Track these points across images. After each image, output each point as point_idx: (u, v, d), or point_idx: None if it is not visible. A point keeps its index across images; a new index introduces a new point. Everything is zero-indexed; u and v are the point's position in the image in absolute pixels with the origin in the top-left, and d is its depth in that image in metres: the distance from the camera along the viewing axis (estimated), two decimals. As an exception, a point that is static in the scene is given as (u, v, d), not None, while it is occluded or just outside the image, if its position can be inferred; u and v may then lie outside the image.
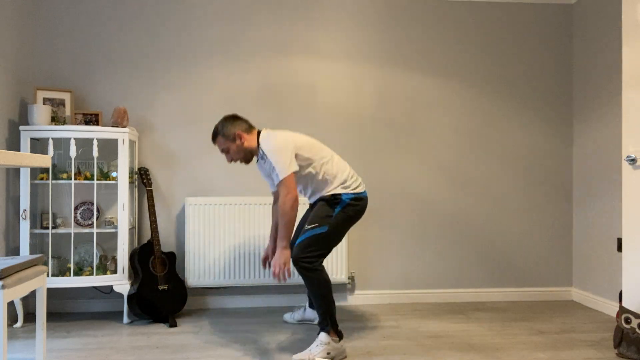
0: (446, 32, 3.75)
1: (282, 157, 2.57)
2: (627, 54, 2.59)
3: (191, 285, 3.42)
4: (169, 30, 3.57)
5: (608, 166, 3.40)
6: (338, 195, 2.67)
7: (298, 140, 2.67)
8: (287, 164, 2.56)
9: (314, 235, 2.59)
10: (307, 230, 2.60)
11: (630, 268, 2.56)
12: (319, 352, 2.49)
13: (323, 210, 2.65)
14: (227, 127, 2.69)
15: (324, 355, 2.49)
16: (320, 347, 2.50)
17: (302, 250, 2.55)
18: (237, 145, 2.70)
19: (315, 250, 2.57)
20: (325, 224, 2.60)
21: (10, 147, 3.21)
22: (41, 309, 2.18)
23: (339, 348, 2.55)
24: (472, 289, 3.75)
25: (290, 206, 2.52)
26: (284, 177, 2.55)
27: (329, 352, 2.50)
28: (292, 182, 2.55)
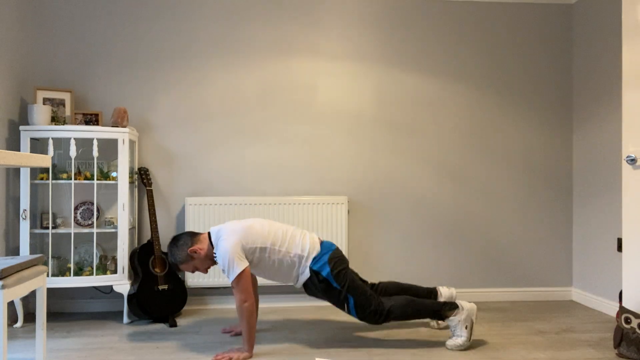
0: (446, 32, 3.75)
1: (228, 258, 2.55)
2: (627, 54, 2.59)
3: (191, 285, 3.42)
4: (169, 30, 3.57)
5: (608, 166, 3.40)
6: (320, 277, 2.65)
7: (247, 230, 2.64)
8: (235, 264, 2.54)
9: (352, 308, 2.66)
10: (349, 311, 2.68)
11: (630, 268, 2.56)
12: (464, 332, 2.63)
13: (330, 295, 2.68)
14: (177, 254, 2.70)
15: (469, 332, 2.63)
16: (459, 328, 2.63)
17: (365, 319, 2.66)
18: (199, 260, 2.70)
19: (370, 307, 2.65)
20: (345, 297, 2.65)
21: (10, 147, 3.21)
22: (41, 309, 2.18)
23: (467, 313, 2.64)
24: (472, 289, 3.75)
25: (249, 314, 2.53)
26: (232, 279, 2.54)
27: (466, 326, 2.63)
28: (242, 283, 2.53)
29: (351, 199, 3.67)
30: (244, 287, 2.53)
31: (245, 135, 3.61)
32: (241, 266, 2.54)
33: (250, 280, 2.57)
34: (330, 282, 2.66)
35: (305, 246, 2.71)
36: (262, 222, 2.74)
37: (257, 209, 3.47)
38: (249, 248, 2.62)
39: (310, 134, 3.65)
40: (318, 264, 2.67)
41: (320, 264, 2.67)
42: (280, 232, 2.72)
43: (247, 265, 2.57)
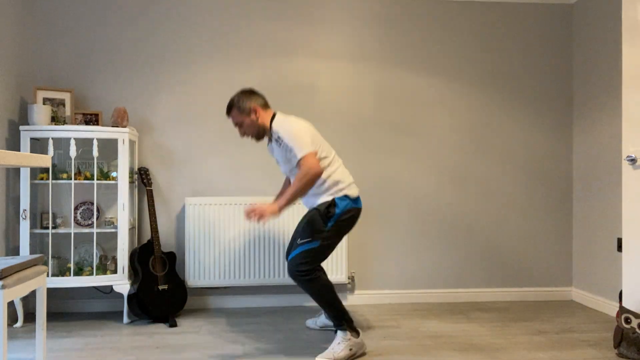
0: (446, 32, 3.75)
1: (300, 138, 2.53)
2: (627, 54, 2.59)
3: (191, 285, 3.42)
4: (169, 30, 3.57)
5: (608, 166, 3.40)
6: (331, 208, 2.60)
7: (313, 131, 2.64)
8: (308, 142, 2.53)
9: (306, 250, 2.56)
10: (300, 245, 2.58)
11: (630, 268, 2.56)
12: (342, 350, 2.50)
13: (315, 223, 2.60)
14: (243, 101, 2.66)
15: (347, 352, 2.50)
16: (342, 344, 2.52)
17: (297, 265, 2.55)
18: (252, 120, 2.66)
19: (310, 264, 2.55)
20: (317, 239, 2.57)
21: (10, 147, 3.21)
22: (41, 309, 2.18)
23: (359, 342, 2.56)
24: (472, 289, 3.75)
25: (309, 179, 2.47)
26: (304, 154, 2.50)
27: (351, 348, 2.52)
28: (314, 159, 2.50)
29: (351, 199, 3.67)
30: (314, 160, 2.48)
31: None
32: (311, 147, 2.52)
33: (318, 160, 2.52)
34: (328, 220, 2.58)
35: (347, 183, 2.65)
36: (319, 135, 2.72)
37: (257, 209, 3.46)
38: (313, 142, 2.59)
39: (310, 134, 3.64)
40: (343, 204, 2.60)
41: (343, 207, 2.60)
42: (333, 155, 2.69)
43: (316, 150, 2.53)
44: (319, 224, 2.59)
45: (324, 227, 2.58)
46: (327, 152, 2.67)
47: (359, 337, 2.58)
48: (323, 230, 2.58)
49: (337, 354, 2.49)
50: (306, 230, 2.61)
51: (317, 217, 2.60)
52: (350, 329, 2.56)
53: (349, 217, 2.64)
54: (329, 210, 2.59)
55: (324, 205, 2.60)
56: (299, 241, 2.60)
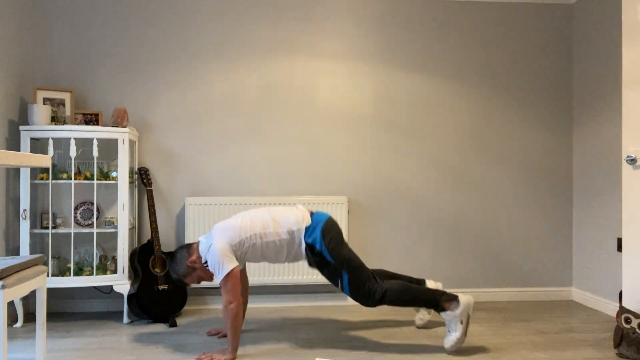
0: (446, 32, 3.75)
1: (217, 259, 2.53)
2: (627, 54, 2.59)
3: (191, 285, 3.41)
4: (169, 30, 3.57)
5: (608, 166, 3.40)
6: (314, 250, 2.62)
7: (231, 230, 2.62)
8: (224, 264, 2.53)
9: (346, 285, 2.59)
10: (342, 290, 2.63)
11: (630, 268, 2.56)
12: (457, 327, 2.54)
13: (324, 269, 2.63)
14: (178, 269, 2.69)
15: (461, 325, 2.54)
16: (453, 322, 2.55)
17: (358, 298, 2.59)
18: (201, 269, 2.69)
19: (363, 286, 2.58)
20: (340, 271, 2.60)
21: (10, 147, 3.21)
22: (41, 309, 2.18)
23: (463, 306, 2.55)
24: (472, 289, 3.75)
25: (234, 315, 2.51)
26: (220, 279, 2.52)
27: (461, 320, 2.54)
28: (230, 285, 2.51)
29: (351, 198, 3.67)
30: (230, 288, 2.51)
31: (245, 135, 3.61)
32: (229, 266, 2.53)
33: (238, 282, 2.54)
34: (324, 256, 2.60)
35: (293, 221, 2.66)
36: (249, 212, 2.71)
37: (257, 209, 3.47)
38: (238, 242, 2.60)
39: (310, 134, 3.65)
40: (311, 237, 2.62)
41: (314, 237, 2.62)
42: (268, 214, 2.69)
43: (236, 265, 2.55)
44: (327, 267, 2.62)
45: (330, 261, 2.61)
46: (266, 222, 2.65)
47: (459, 300, 2.56)
48: (333, 263, 2.61)
49: (457, 335, 2.54)
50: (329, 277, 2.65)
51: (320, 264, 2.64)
52: (445, 303, 2.56)
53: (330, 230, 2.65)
54: (314, 254, 2.63)
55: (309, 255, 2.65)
56: (339, 287, 2.64)
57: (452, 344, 2.57)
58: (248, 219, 2.68)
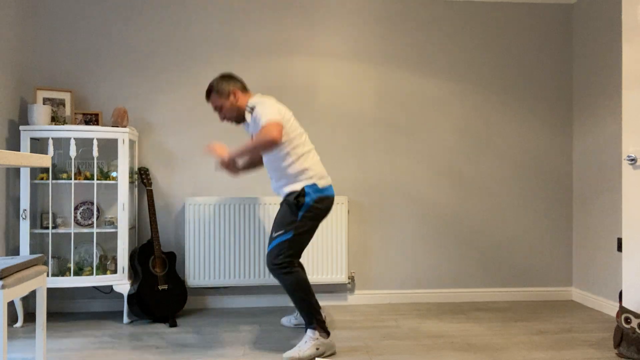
0: (446, 32, 3.75)
1: (270, 109, 2.52)
2: (627, 54, 2.59)
3: (191, 285, 3.42)
4: (169, 30, 3.57)
5: (608, 166, 3.40)
6: (300, 198, 2.61)
7: (287, 114, 2.64)
8: (275, 114, 2.50)
9: (280, 242, 2.59)
10: (274, 239, 2.62)
11: (630, 268, 2.56)
12: (308, 348, 2.51)
13: (286, 216, 2.62)
14: (222, 84, 2.68)
15: (313, 351, 2.51)
16: (309, 343, 2.53)
17: (274, 258, 2.58)
18: (231, 103, 2.68)
19: (286, 257, 2.57)
20: (290, 230, 2.59)
21: (10, 147, 3.21)
22: (41, 309, 2.18)
23: (328, 343, 2.57)
24: (472, 289, 3.75)
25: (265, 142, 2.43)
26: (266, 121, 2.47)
27: (317, 348, 2.53)
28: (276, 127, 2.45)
29: (351, 199, 3.67)
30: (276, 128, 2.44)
31: (245, 135, 3.60)
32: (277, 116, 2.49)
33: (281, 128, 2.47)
34: (298, 208, 2.59)
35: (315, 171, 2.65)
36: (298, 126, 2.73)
37: (257, 209, 3.47)
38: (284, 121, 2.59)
39: (310, 134, 3.65)
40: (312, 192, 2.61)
41: (313, 195, 2.61)
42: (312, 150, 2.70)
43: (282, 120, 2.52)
44: (290, 216, 2.61)
45: (295, 218, 2.60)
46: (299, 137, 2.65)
47: (329, 338, 2.58)
48: (295, 221, 2.60)
49: (302, 352, 2.50)
50: (279, 223, 2.63)
51: (288, 209, 2.63)
52: (320, 329, 2.57)
53: (319, 206, 2.64)
54: (298, 200, 2.61)
55: (292, 196, 2.62)
56: (273, 234, 2.63)
57: (291, 355, 2.50)
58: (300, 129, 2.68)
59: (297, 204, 2.61)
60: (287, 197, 2.65)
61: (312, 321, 2.57)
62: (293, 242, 2.59)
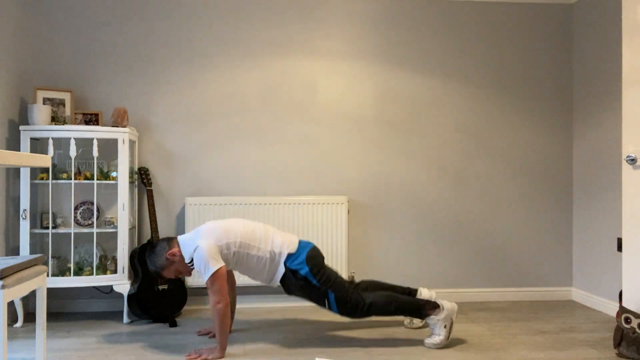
0: (446, 32, 3.75)
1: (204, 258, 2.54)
2: (627, 54, 2.59)
3: (191, 285, 3.41)
4: (169, 30, 3.57)
5: (608, 166, 3.40)
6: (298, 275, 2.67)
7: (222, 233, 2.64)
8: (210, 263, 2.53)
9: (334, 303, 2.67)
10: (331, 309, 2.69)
11: (630, 268, 2.56)
12: (440, 331, 2.66)
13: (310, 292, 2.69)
14: (156, 261, 2.68)
15: (444, 330, 2.65)
16: (436, 326, 2.65)
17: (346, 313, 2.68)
18: (179, 263, 2.68)
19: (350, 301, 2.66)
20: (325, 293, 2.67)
21: (10, 147, 3.21)
22: (41, 309, 2.18)
23: (446, 313, 2.66)
24: (472, 289, 3.75)
25: (222, 315, 2.51)
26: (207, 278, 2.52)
27: (445, 325, 2.66)
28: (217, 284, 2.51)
29: (351, 199, 3.67)
30: (218, 288, 2.52)
31: (246, 135, 3.61)
32: (215, 266, 2.53)
33: (225, 281, 2.55)
34: (309, 280, 2.67)
35: (278, 243, 2.72)
36: (240, 220, 2.76)
37: (257, 209, 3.47)
38: (225, 244, 2.61)
39: (310, 134, 3.65)
40: (295, 262, 2.69)
41: (298, 262, 2.68)
42: (258, 229, 2.73)
43: (222, 265, 2.56)
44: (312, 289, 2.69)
45: (315, 285, 2.68)
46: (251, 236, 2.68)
47: (444, 307, 2.66)
48: (319, 287, 2.67)
49: (439, 337, 2.64)
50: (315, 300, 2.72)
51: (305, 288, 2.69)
52: (431, 310, 2.66)
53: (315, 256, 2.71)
54: (298, 279, 2.68)
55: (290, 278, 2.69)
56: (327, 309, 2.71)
57: (432, 344, 2.66)
58: (239, 224, 2.72)
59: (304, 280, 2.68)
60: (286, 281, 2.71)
61: (420, 314, 2.67)
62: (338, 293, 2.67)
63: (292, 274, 2.69)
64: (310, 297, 2.72)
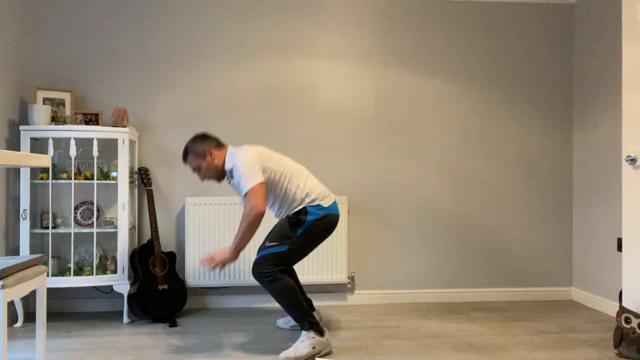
0: (446, 32, 3.75)
1: (248, 170, 2.55)
2: (627, 54, 2.59)
3: (191, 285, 3.42)
4: (169, 30, 3.57)
5: (608, 166, 3.40)
6: (302, 216, 2.64)
7: (265, 153, 2.67)
8: (254, 175, 2.54)
9: (272, 253, 2.61)
10: (266, 248, 2.64)
11: (630, 268, 2.56)
12: (305, 347, 2.53)
13: (284, 230, 2.66)
14: (196, 145, 2.69)
15: (309, 350, 2.53)
16: (305, 342, 2.55)
17: (260, 265, 2.59)
18: (208, 163, 2.69)
19: (273, 266, 2.59)
20: (285, 244, 2.62)
21: (10, 147, 3.21)
22: (41, 309, 2.18)
23: (324, 342, 2.59)
24: (472, 289, 3.75)
25: (252, 219, 2.49)
26: (248, 188, 2.52)
27: (314, 346, 2.55)
28: (258, 194, 2.51)
29: (351, 199, 3.67)
30: (256, 195, 2.49)
31: (245, 135, 3.61)
32: (256, 179, 2.53)
33: (263, 196, 2.53)
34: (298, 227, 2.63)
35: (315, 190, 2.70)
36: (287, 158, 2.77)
37: (257, 209, 3.46)
38: (268, 168, 2.62)
39: (310, 134, 3.65)
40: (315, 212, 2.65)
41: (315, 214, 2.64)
42: (305, 172, 2.74)
43: (263, 180, 2.55)
44: (288, 230, 2.65)
45: (292, 233, 2.64)
46: (289, 168, 2.69)
47: (324, 336, 2.60)
48: (292, 236, 2.63)
49: (299, 352, 2.52)
50: (275, 234, 2.67)
51: (287, 223, 2.68)
52: (313, 329, 2.58)
53: (323, 225, 2.67)
54: (299, 218, 2.65)
55: (294, 213, 2.67)
56: (267, 244, 2.66)
57: (287, 355, 2.52)
58: (288, 160, 2.73)
59: (297, 222, 2.64)
60: (290, 214, 2.69)
61: (304, 324, 2.59)
62: (285, 256, 2.62)
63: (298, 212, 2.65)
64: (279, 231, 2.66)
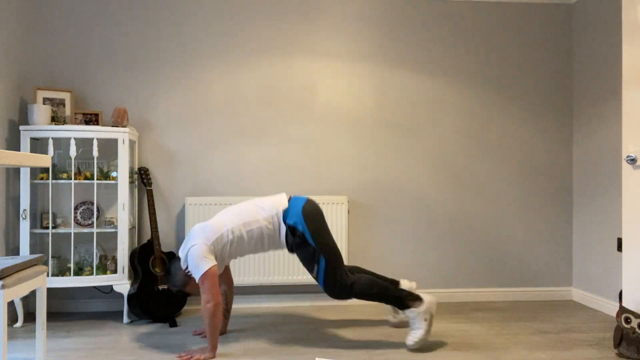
0: (446, 32, 3.75)
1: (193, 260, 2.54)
2: (627, 54, 2.59)
3: (191, 285, 3.41)
4: (170, 30, 3.57)
5: (608, 166, 3.40)
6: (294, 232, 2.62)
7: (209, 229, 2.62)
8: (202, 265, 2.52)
9: (323, 272, 2.60)
10: (316, 276, 2.63)
11: (630, 268, 2.56)
12: (421, 325, 2.58)
13: (303, 253, 2.64)
14: (176, 281, 2.72)
15: (425, 324, 2.58)
16: (417, 320, 2.58)
17: (330, 288, 2.61)
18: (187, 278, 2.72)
19: (335, 278, 2.59)
20: (319, 258, 2.60)
21: (10, 147, 3.21)
22: (41, 308, 2.18)
23: (427, 306, 2.60)
24: (472, 289, 3.75)
25: (211, 314, 2.50)
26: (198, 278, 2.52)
27: (425, 318, 2.59)
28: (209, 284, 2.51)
29: (351, 199, 3.67)
30: (208, 287, 2.51)
31: (245, 135, 3.61)
32: (205, 265, 2.52)
33: (216, 281, 2.53)
34: (305, 238, 2.61)
35: (268, 206, 2.68)
36: (225, 210, 2.74)
37: (257, 209, 3.46)
38: (216, 239, 2.60)
39: (310, 134, 3.65)
40: (292, 218, 2.63)
41: (295, 219, 2.62)
42: (245, 207, 2.70)
43: (213, 265, 2.54)
44: (305, 250, 2.63)
45: (310, 247, 2.61)
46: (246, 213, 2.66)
47: (425, 300, 2.61)
48: (313, 248, 2.61)
49: (420, 332, 2.57)
50: (307, 261, 2.65)
51: (298, 247, 2.65)
52: (412, 303, 2.60)
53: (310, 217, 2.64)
54: (295, 235, 2.63)
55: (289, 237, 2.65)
56: (313, 274, 2.64)
57: (415, 342, 2.59)
58: (225, 214, 2.70)
59: (300, 238, 2.62)
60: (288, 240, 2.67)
61: (401, 304, 2.61)
62: (330, 263, 2.60)
63: (291, 232, 2.62)
64: (304, 259, 2.64)
